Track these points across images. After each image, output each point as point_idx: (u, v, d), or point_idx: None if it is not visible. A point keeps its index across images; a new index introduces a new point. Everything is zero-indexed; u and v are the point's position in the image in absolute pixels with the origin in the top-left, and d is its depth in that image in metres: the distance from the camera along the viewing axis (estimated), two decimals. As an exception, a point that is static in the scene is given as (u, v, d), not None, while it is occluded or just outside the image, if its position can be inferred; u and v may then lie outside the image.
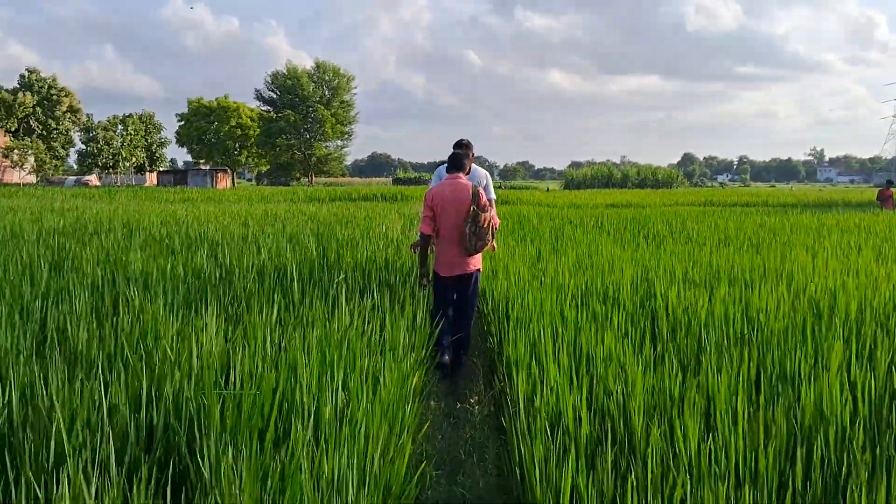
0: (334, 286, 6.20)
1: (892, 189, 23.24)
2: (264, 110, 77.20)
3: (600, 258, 8.86)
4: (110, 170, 76.32)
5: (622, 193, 44.84)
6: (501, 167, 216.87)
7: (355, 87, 79.50)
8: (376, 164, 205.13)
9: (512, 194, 37.97)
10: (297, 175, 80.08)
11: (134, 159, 78.97)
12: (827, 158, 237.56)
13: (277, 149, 74.70)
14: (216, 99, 76.52)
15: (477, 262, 5.93)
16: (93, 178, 66.95)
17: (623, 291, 6.38)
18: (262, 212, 19.29)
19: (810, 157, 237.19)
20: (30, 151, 65.43)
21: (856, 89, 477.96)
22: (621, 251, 9.75)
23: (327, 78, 77.23)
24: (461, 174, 5.91)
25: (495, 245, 6.27)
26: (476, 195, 5.63)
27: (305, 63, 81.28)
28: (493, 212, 5.88)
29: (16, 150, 64.55)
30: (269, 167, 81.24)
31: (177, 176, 69.15)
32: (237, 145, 77.41)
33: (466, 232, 5.57)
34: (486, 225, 5.57)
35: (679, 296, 6.05)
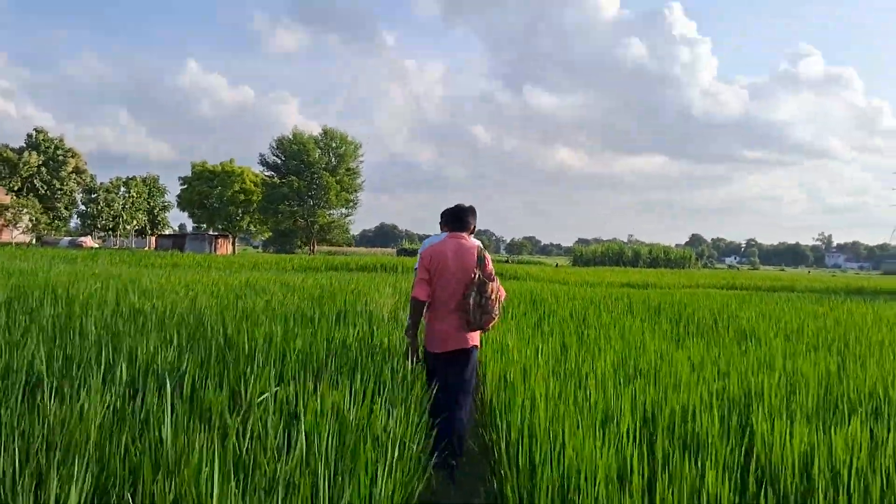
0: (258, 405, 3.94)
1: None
2: (268, 175, 75.87)
3: (649, 356, 6.67)
4: (110, 232, 75.08)
5: (637, 272, 42.72)
6: (508, 241, 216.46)
7: (362, 155, 78.43)
8: (384, 234, 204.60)
9: (520, 269, 35.84)
10: (300, 243, 78.26)
11: (135, 222, 77.88)
12: (835, 244, 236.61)
13: (280, 215, 73.12)
14: (221, 163, 75.68)
15: (475, 336, 5.06)
16: (87, 240, 65.31)
17: (706, 425, 4.15)
18: (243, 281, 17.21)
19: (818, 242, 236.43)
20: (24, 210, 64.10)
21: (861, 176, 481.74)
22: (670, 346, 7.54)
23: (334, 145, 76.17)
24: (465, 233, 5.11)
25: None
26: (483, 259, 4.91)
27: (313, 130, 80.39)
28: (498, 282, 5.04)
29: (10, 209, 63.23)
30: (270, 234, 79.69)
31: (176, 240, 67.51)
32: (240, 211, 76.17)
33: (471, 303, 4.79)
34: (493, 296, 4.84)
35: (798, 440, 3.83)
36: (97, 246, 63.73)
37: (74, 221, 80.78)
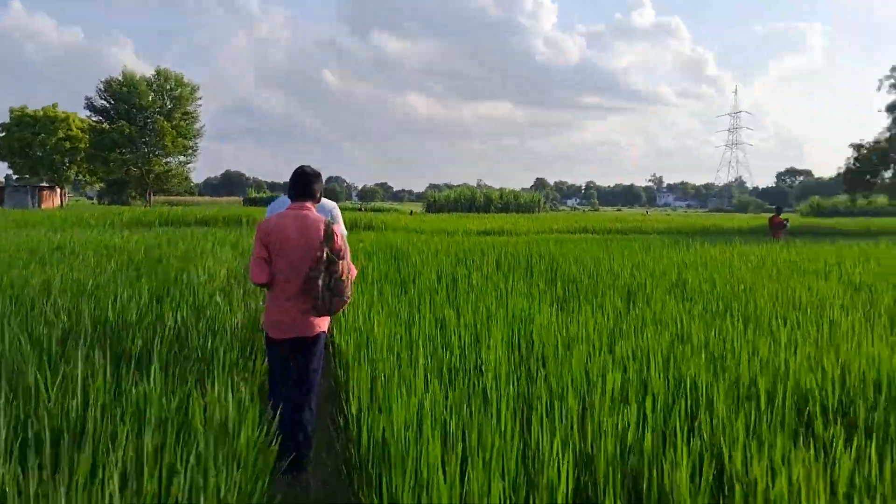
0: None
1: (781, 217, 22.06)
2: (96, 121, 68.69)
3: (544, 336, 5.52)
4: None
5: (491, 219, 42.49)
6: (360, 188, 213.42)
7: (200, 98, 72.63)
8: (230, 183, 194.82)
9: (376, 218, 34.34)
10: (134, 194, 71.89)
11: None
12: (665, 184, 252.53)
13: (111, 164, 66.69)
14: (43, 108, 67.85)
15: (323, 321, 4.51)
16: None
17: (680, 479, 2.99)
18: (55, 243, 14.61)
19: (650, 184, 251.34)
20: None
21: (688, 121, 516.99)
22: (561, 317, 6.46)
23: (169, 87, 69.87)
24: (310, 203, 4.57)
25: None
26: (330, 235, 4.33)
27: (146, 72, 73.61)
28: (349, 257, 4.65)
29: None
30: (102, 185, 72.79)
31: (-5, 192, 60.20)
32: (66, 160, 69.06)
33: (319, 285, 4.24)
34: (344, 277, 4.33)
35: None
36: None
37: None
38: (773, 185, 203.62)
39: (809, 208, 76.41)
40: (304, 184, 4.53)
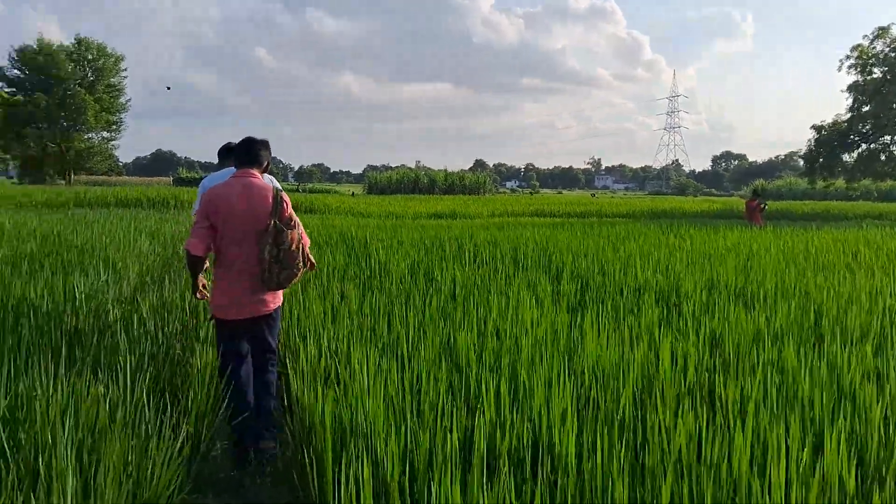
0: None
1: (757, 200, 20.76)
2: (8, 93, 63.32)
3: (586, 360, 3.56)
4: None
5: (439, 200, 40.41)
6: (296, 169, 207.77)
7: (125, 70, 67.80)
8: (161, 162, 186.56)
9: (316, 199, 31.78)
10: (52, 172, 66.68)
11: None
12: (604, 167, 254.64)
13: (26, 139, 61.70)
14: (-53, 81, 62.48)
15: (278, 295, 4.22)
16: None
17: None
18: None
19: (589, 166, 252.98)
20: None
21: (624, 103, 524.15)
22: (585, 331, 4.52)
23: (90, 57, 64.83)
24: (255, 170, 4.17)
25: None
26: (279, 203, 4.00)
27: (65, 41, 68.39)
28: (301, 228, 4.16)
29: None
30: (19, 162, 67.44)
31: None
32: (-25, 135, 63.93)
33: (266, 258, 3.92)
34: (294, 247, 3.99)
35: None
36: None
37: None
38: (710, 168, 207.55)
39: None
40: (249, 150, 4.19)
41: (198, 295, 4.20)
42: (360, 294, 6.95)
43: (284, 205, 4.04)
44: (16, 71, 63.71)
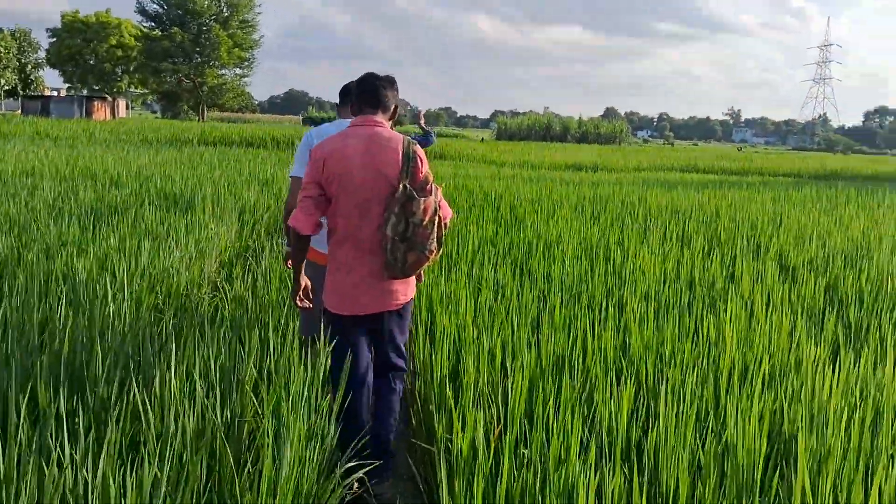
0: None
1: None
2: (147, 27, 64.63)
3: None
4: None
5: (578, 150, 37.49)
6: (423, 112, 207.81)
7: (260, 5, 67.58)
8: (293, 101, 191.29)
9: (446, 147, 29.64)
10: (186, 107, 67.93)
11: (3, 81, 66.16)
12: (743, 119, 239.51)
13: (162, 74, 62.99)
14: (95, 14, 64.94)
15: (409, 285, 3.09)
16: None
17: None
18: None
19: (727, 117, 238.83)
20: None
21: (770, 53, 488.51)
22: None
23: (226, -9, 65.39)
24: (380, 117, 2.99)
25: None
26: (411, 158, 2.90)
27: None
28: (440, 195, 2.96)
29: None
30: (153, 96, 69.49)
31: (45, 102, 57.63)
32: (118, 69, 66.06)
33: (388, 234, 2.80)
34: (426, 221, 2.83)
35: None
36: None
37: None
38: (861, 124, 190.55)
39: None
40: (373, 90, 2.97)
41: (297, 301, 3.13)
42: (517, 285, 4.82)
43: (419, 163, 2.95)
44: (154, 5, 64.91)
